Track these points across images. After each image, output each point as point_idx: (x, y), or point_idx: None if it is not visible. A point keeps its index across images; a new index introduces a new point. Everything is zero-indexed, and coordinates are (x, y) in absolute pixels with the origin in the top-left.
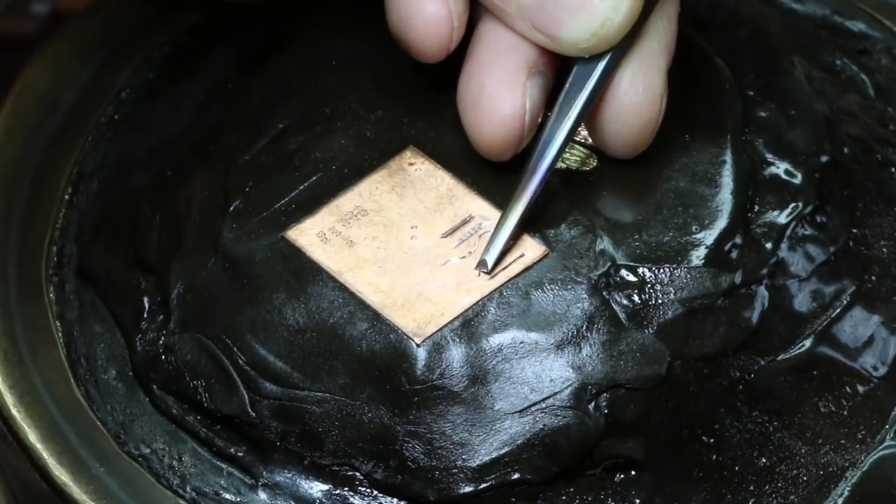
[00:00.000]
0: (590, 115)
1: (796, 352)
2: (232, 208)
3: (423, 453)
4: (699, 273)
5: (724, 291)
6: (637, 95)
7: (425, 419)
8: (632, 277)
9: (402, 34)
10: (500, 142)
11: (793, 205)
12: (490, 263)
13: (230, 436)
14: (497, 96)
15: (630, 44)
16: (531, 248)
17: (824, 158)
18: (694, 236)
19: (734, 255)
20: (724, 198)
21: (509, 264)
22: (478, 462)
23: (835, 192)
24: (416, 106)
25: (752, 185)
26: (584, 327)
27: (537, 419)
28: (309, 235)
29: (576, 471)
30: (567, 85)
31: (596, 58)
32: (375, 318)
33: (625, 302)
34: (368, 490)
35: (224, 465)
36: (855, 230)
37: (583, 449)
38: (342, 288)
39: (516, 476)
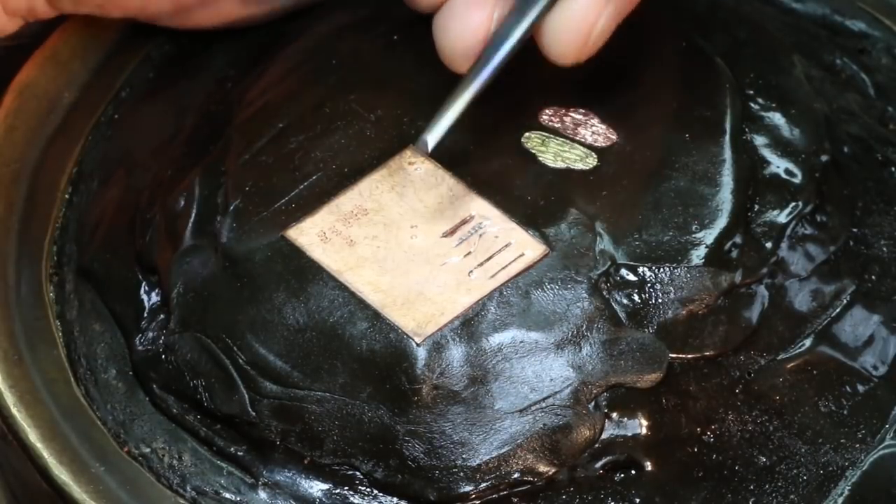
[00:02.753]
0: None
1: (796, 351)
2: (232, 208)
3: (423, 452)
4: (699, 272)
5: (725, 291)
6: (574, 5)
7: (425, 418)
8: (632, 277)
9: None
10: (462, 50)
11: (793, 204)
12: (431, 144)
13: (230, 435)
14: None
15: None
16: (531, 248)
17: (824, 158)
18: (694, 235)
19: (734, 254)
20: (724, 197)
21: (509, 264)
22: (478, 461)
23: (835, 191)
24: (416, 105)
25: (752, 184)
26: (584, 327)
27: (537, 418)
28: (309, 235)
29: (576, 470)
30: None
31: None
32: (375, 317)
33: (625, 301)
34: (368, 489)
35: (224, 465)
36: (855, 229)
37: (583, 448)
38: (342, 287)
39: (516, 475)
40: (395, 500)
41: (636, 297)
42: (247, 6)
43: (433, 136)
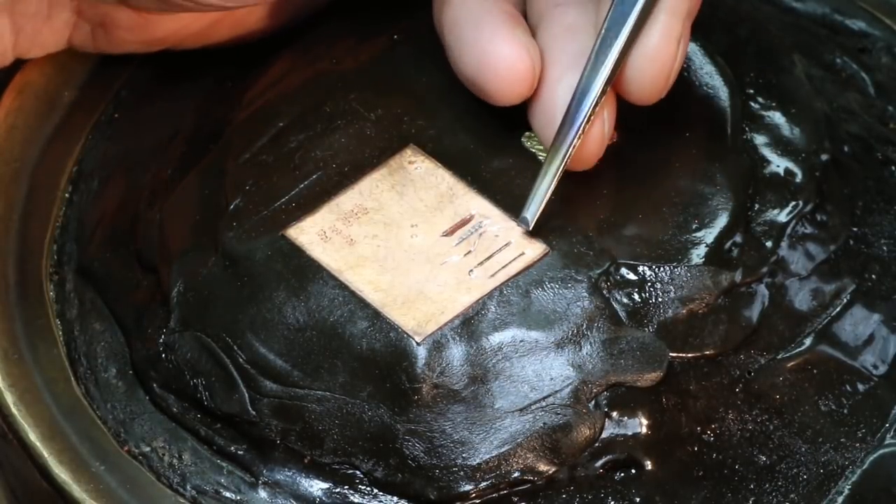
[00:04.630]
0: None
1: (796, 350)
2: (232, 207)
3: (423, 452)
4: (699, 271)
5: (725, 290)
6: (654, 39)
7: (425, 417)
8: (632, 276)
9: (481, 81)
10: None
11: (793, 203)
12: (531, 221)
13: (230, 434)
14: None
15: None
16: (531, 247)
17: (824, 157)
18: (694, 234)
19: (734, 253)
20: (725, 196)
21: (509, 263)
22: (478, 460)
23: (835, 190)
24: (415, 104)
25: (753, 183)
26: (585, 326)
27: (537, 417)
28: (309, 234)
29: (576, 469)
30: (602, 31)
31: (630, 2)
32: (375, 316)
33: (625, 300)
34: (368, 488)
35: (224, 464)
36: (855, 228)
37: (583, 447)
38: (342, 286)
39: (516, 474)
40: (395, 499)
41: (636, 297)
42: (260, 21)
43: (532, 212)
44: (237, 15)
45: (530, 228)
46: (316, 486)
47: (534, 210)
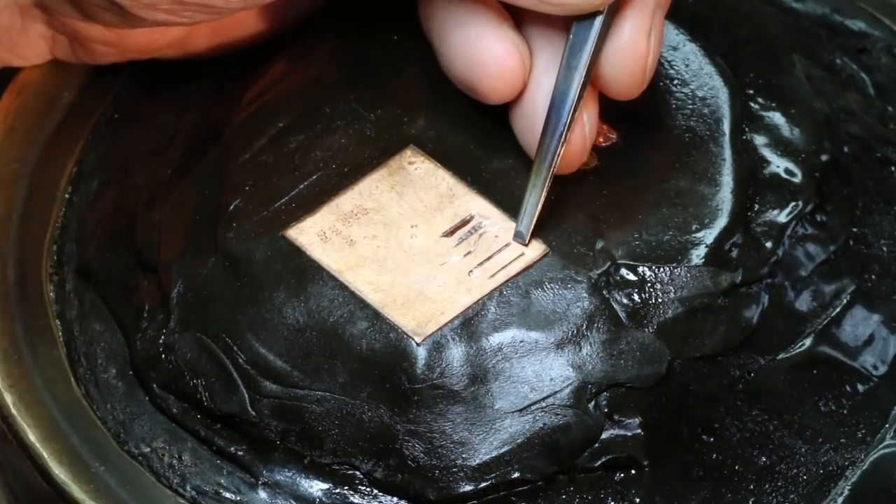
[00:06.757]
0: None
1: (796, 351)
2: (232, 207)
3: (423, 452)
4: (699, 272)
5: (724, 290)
6: (623, 36)
7: (425, 418)
8: (632, 276)
9: (473, 82)
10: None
11: (793, 204)
12: (526, 235)
13: (230, 435)
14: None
15: None
16: (531, 247)
17: (824, 157)
18: (694, 235)
19: (734, 254)
20: (724, 197)
21: (509, 263)
22: (478, 461)
23: (835, 190)
24: (415, 105)
25: (752, 183)
26: (584, 326)
27: (537, 418)
28: (309, 234)
29: (576, 469)
30: (571, 36)
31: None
32: (375, 316)
33: (625, 301)
34: (368, 489)
35: (224, 464)
36: (855, 229)
37: (583, 448)
38: (342, 287)
39: (516, 475)
40: (394, 499)
41: (636, 297)
42: (241, 31)
43: (525, 225)
44: (212, 25)
45: (526, 242)
46: (316, 487)
47: (527, 223)
